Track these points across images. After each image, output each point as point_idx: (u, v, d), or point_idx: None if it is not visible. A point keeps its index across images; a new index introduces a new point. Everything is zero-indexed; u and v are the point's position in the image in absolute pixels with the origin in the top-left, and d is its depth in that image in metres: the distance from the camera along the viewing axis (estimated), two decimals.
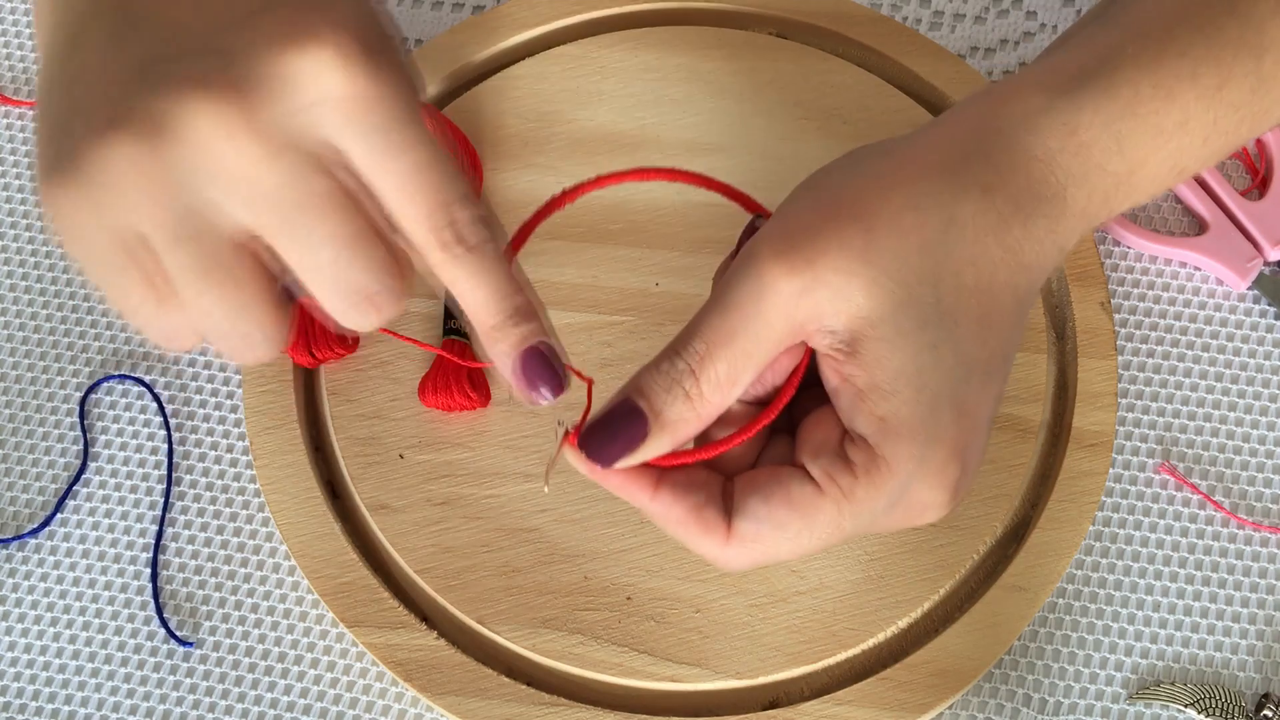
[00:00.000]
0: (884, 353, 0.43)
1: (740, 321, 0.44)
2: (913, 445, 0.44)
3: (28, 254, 0.66)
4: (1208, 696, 0.57)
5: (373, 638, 0.57)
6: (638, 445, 0.45)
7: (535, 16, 0.69)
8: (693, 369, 0.44)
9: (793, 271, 0.43)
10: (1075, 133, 0.46)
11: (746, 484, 0.46)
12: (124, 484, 0.62)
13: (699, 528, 0.46)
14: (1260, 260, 0.64)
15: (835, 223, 0.44)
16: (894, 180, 0.45)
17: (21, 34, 0.71)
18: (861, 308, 0.43)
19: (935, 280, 0.44)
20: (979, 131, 0.46)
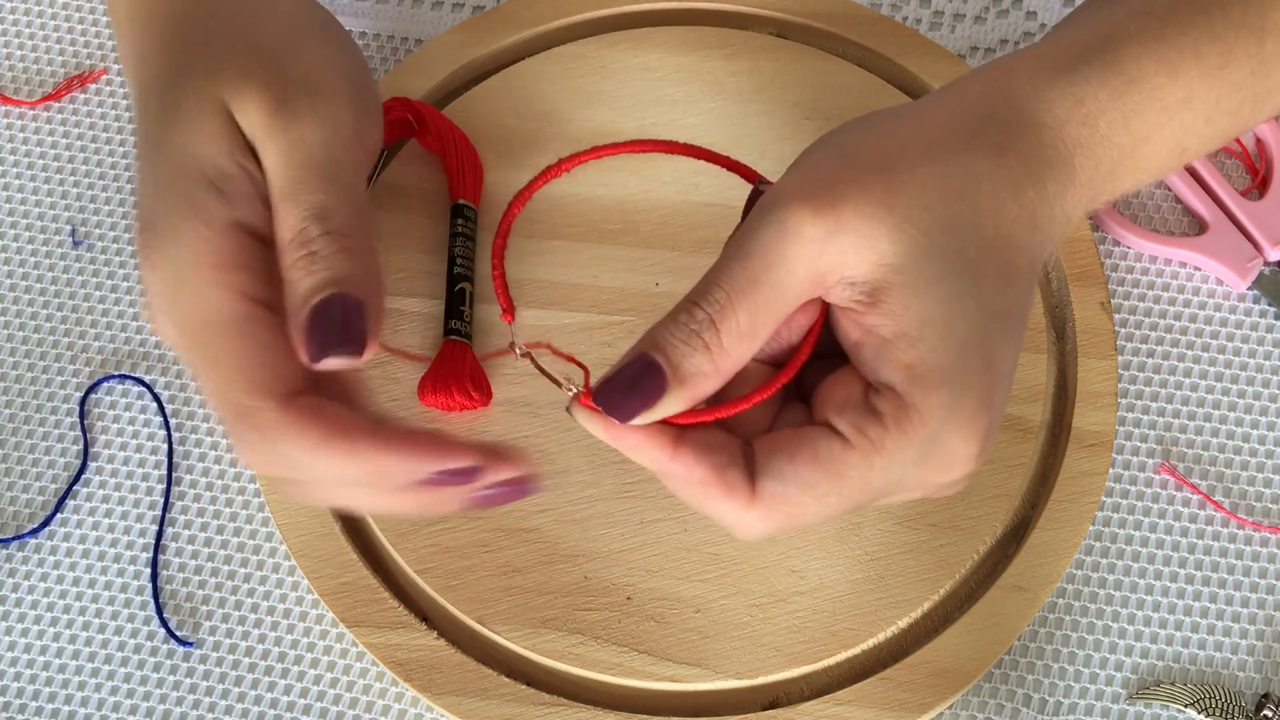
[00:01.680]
0: (910, 299, 0.43)
1: (763, 267, 0.43)
2: (943, 391, 0.43)
3: (28, 254, 0.66)
4: (1208, 696, 0.57)
5: (373, 638, 0.57)
6: (655, 400, 0.43)
7: (535, 16, 0.69)
8: (713, 319, 0.43)
9: (817, 214, 0.42)
10: (1082, 103, 0.46)
11: (769, 444, 0.45)
12: (124, 484, 0.62)
13: (721, 489, 0.44)
14: (1260, 260, 0.64)
15: (857, 171, 0.43)
16: (911, 137, 0.45)
17: (21, 34, 0.71)
18: (886, 254, 0.43)
19: (958, 230, 0.43)
20: (989, 98, 0.46)
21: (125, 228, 0.67)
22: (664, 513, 0.59)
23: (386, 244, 0.64)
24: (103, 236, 0.66)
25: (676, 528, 0.58)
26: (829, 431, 0.44)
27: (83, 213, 0.67)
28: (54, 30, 0.71)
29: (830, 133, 0.47)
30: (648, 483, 0.59)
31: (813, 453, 0.44)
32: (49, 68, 0.70)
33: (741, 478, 0.44)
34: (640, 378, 0.43)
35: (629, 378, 0.44)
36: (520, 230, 0.64)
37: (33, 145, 0.69)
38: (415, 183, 0.65)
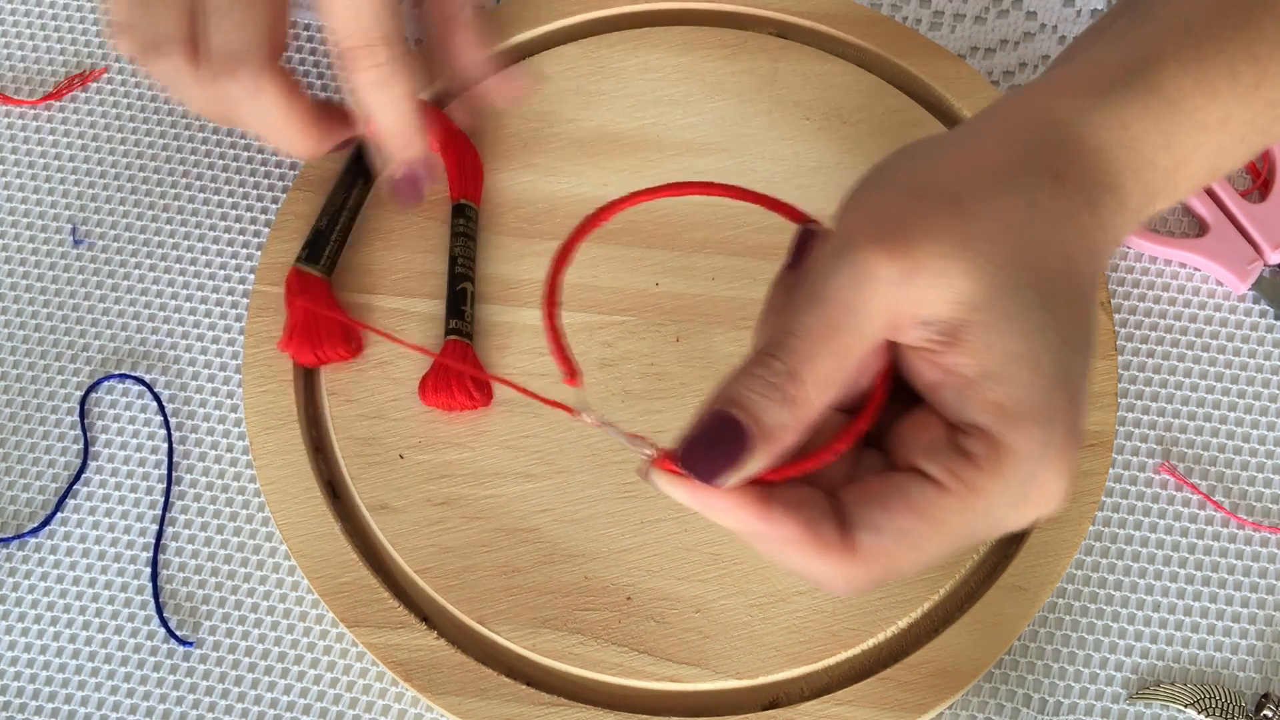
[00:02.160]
0: (992, 337, 0.42)
1: (840, 314, 0.42)
2: (1036, 428, 0.42)
3: (28, 253, 0.66)
4: (1208, 696, 0.57)
5: (373, 638, 0.57)
6: (740, 459, 0.42)
7: (535, 16, 0.69)
8: (791, 370, 0.42)
9: (893, 257, 0.42)
10: (1127, 127, 0.46)
11: (858, 495, 0.43)
12: (124, 484, 0.62)
13: (816, 547, 0.43)
14: (1260, 263, 0.64)
15: (926, 208, 0.43)
16: (969, 168, 0.44)
17: (22, 34, 0.71)
18: (964, 292, 0.42)
19: (1029, 263, 0.43)
20: (1037, 125, 0.45)
21: (126, 227, 0.67)
22: (664, 513, 0.59)
23: (386, 244, 0.64)
24: (103, 236, 0.66)
25: (676, 528, 0.58)
26: (920, 477, 0.43)
27: (83, 212, 0.67)
28: (54, 30, 0.71)
29: (881, 166, 0.46)
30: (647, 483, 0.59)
31: (906, 501, 0.43)
32: (49, 67, 0.70)
33: (835, 532, 0.43)
34: (723, 436, 0.42)
35: (710, 437, 0.42)
36: (520, 231, 0.64)
37: (33, 145, 0.69)
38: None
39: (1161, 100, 0.46)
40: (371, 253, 0.64)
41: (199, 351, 0.64)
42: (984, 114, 0.47)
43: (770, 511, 0.43)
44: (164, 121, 0.69)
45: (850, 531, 0.43)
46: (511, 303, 0.63)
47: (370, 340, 0.62)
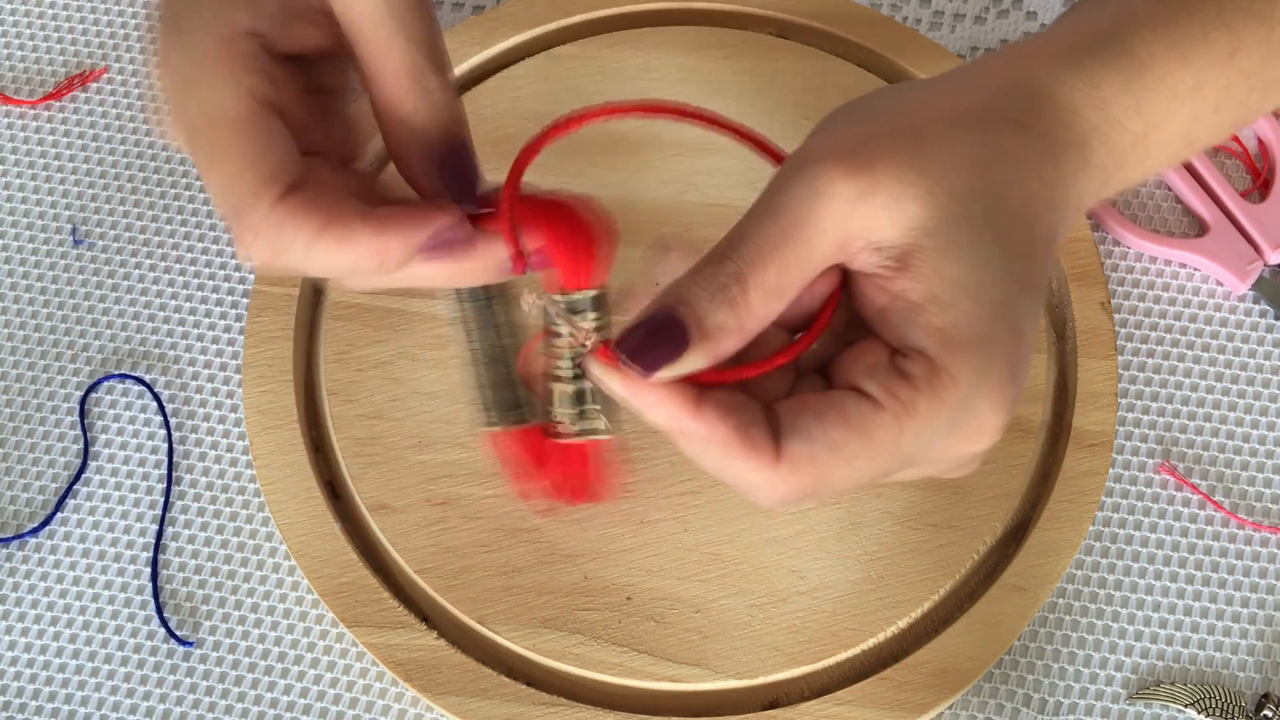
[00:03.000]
0: (941, 263, 0.43)
1: (793, 224, 0.43)
2: (975, 356, 0.43)
3: (28, 253, 0.66)
4: (1208, 696, 0.57)
5: (373, 638, 0.57)
6: (679, 355, 0.42)
7: (535, 16, 0.69)
8: (741, 274, 0.42)
9: (850, 175, 0.42)
10: (1097, 87, 0.46)
11: (794, 406, 0.44)
12: (124, 484, 0.62)
13: (745, 449, 0.43)
14: (1260, 263, 0.64)
15: (888, 135, 0.43)
16: (937, 107, 0.45)
17: (22, 34, 0.71)
18: (916, 217, 0.42)
19: (985, 198, 0.43)
20: (1009, 80, 0.46)
21: (126, 227, 0.67)
22: (664, 513, 0.59)
23: None
24: (103, 236, 0.66)
25: (676, 528, 0.58)
26: (856, 394, 0.43)
27: (83, 212, 0.67)
28: (54, 30, 0.71)
29: (853, 101, 0.46)
30: (648, 483, 0.59)
31: (841, 413, 0.43)
32: (49, 67, 0.70)
33: (766, 437, 0.43)
34: (663, 330, 0.42)
35: (651, 330, 0.43)
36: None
37: (33, 145, 0.69)
38: None
39: (1132, 63, 0.47)
40: None
41: (199, 351, 0.64)
42: (964, 66, 0.48)
43: (701, 410, 0.43)
44: (164, 121, 0.69)
45: (781, 439, 0.43)
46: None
47: (370, 339, 0.62)
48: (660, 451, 0.59)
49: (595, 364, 0.43)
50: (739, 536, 0.58)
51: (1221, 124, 0.49)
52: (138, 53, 0.71)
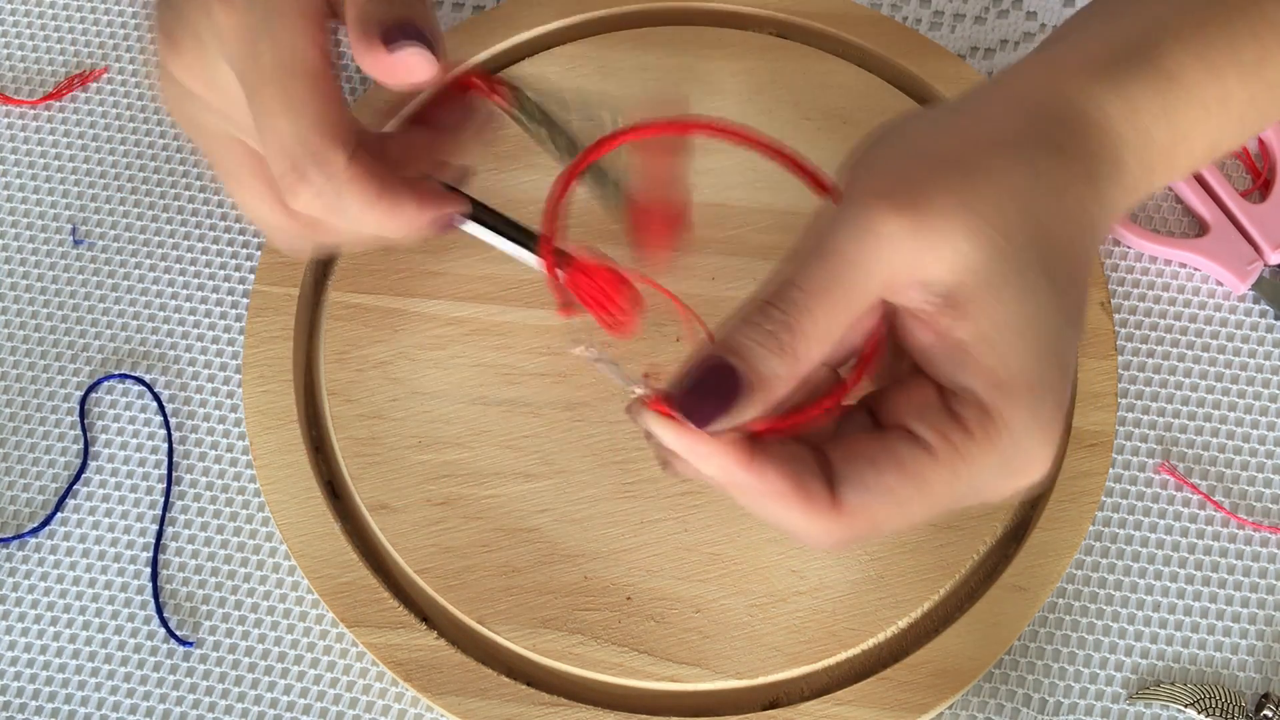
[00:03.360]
0: (990, 304, 0.42)
1: (842, 267, 0.42)
2: (1026, 398, 0.42)
3: (28, 253, 0.66)
4: (1208, 696, 0.57)
5: (373, 638, 0.57)
6: (732, 405, 0.42)
7: (535, 16, 0.69)
8: (790, 321, 0.42)
9: (898, 213, 0.42)
10: (1129, 100, 0.46)
11: (847, 451, 0.43)
12: (124, 484, 0.62)
13: (801, 501, 0.43)
14: (1260, 263, 0.64)
15: (932, 169, 0.43)
16: (977, 134, 0.44)
17: (22, 34, 0.71)
18: (965, 255, 0.42)
19: (1029, 230, 0.43)
20: (1043, 98, 0.46)
21: (126, 227, 0.67)
22: (664, 513, 0.59)
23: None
24: (103, 236, 0.66)
25: (676, 528, 0.58)
26: (909, 438, 0.43)
27: (83, 212, 0.67)
28: (54, 30, 0.71)
29: (888, 128, 0.46)
30: (648, 483, 0.59)
31: (896, 460, 0.43)
32: (49, 67, 0.70)
33: (822, 487, 0.43)
34: (716, 381, 0.42)
35: (704, 381, 0.42)
36: None
37: (33, 145, 0.69)
38: None
39: (1164, 76, 0.46)
40: (371, 253, 0.64)
41: (199, 351, 0.64)
42: (991, 84, 0.47)
43: (755, 462, 0.43)
44: (164, 121, 0.69)
45: (837, 488, 0.43)
46: (511, 303, 0.63)
47: (370, 339, 0.62)
48: None
49: (647, 415, 0.43)
50: (739, 536, 0.58)
51: (1244, 132, 0.49)
52: (138, 53, 0.71)
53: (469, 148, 0.53)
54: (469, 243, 0.64)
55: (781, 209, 0.64)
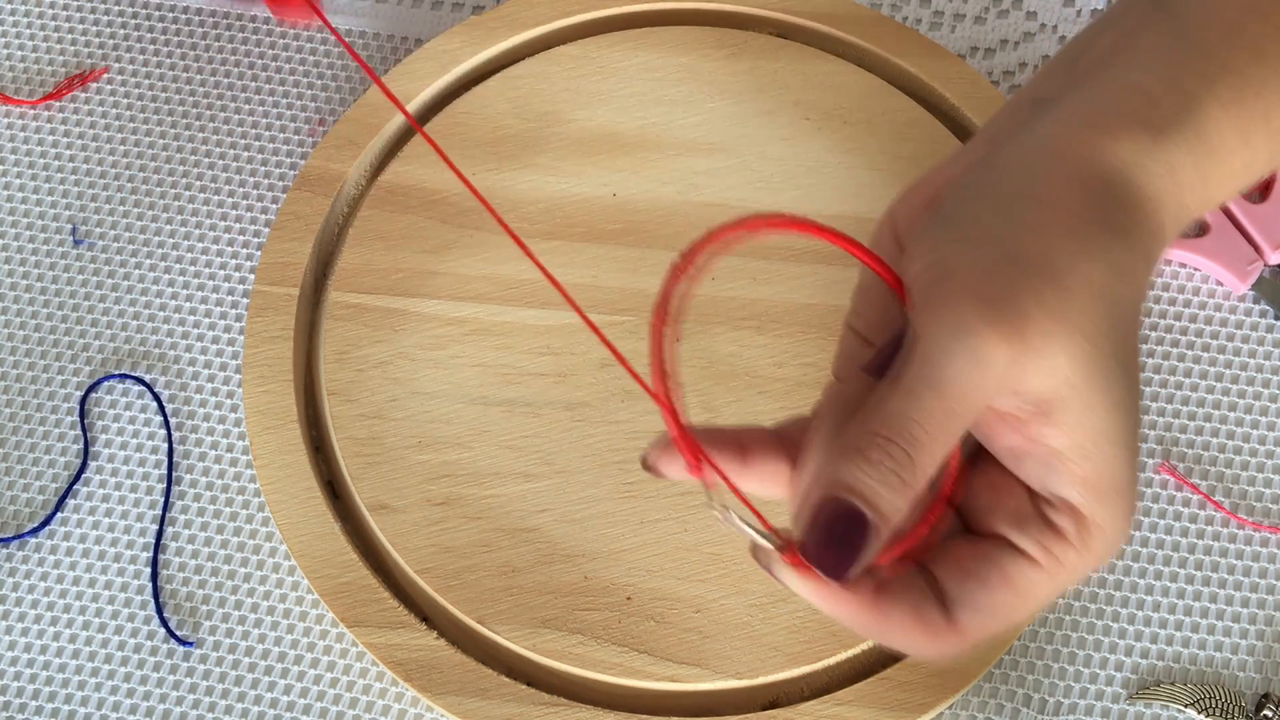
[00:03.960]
0: (1083, 413, 0.42)
1: (957, 400, 0.41)
2: (1119, 501, 0.43)
3: (28, 253, 0.66)
4: (1208, 696, 0.57)
5: (373, 638, 0.57)
6: (863, 551, 0.41)
7: (535, 16, 0.69)
8: (911, 457, 0.41)
9: (1008, 341, 0.41)
10: (1174, 172, 0.45)
11: (955, 572, 0.44)
12: (124, 484, 0.62)
13: (923, 633, 0.43)
14: (1260, 263, 0.64)
15: (1030, 283, 0.42)
16: (1052, 225, 0.44)
17: (22, 34, 0.71)
18: (1061, 368, 0.42)
19: (1111, 330, 0.43)
20: (1100, 170, 0.45)
21: (126, 227, 0.67)
22: (664, 513, 0.59)
23: (386, 244, 0.64)
24: (103, 235, 0.66)
25: (676, 528, 0.58)
26: (1011, 550, 0.43)
27: (83, 212, 0.67)
28: (54, 30, 0.71)
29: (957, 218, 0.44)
30: (648, 483, 0.59)
31: (1004, 577, 0.43)
32: (49, 67, 0.70)
33: (940, 616, 0.43)
34: (844, 527, 0.41)
35: (832, 527, 0.41)
36: (520, 231, 0.64)
37: (33, 145, 0.69)
38: (415, 183, 0.65)
39: (1204, 146, 0.46)
40: (371, 253, 0.64)
41: (199, 351, 0.64)
42: (1040, 147, 0.46)
43: (883, 604, 0.43)
44: (164, 121, 0.69)
45: (952, 611, 0.43)
46: (512, 303, 0.63)
47: (370, 340, 0.62)
48: None
49: (783, 570, 0.43)
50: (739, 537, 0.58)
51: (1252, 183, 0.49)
52: (138, 53, 0.71)
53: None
54: (469, 242, 0.64)
55: (781, 209, 0.64)
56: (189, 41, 0.71)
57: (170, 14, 0.72)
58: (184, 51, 0.71)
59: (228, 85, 0.70)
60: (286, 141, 0.69)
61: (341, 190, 0.65)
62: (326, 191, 0.65)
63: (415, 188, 0.65)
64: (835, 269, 0.63)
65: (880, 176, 0.65)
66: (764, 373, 0.61)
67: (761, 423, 0.60)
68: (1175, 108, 0.46)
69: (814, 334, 0.62)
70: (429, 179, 0.65)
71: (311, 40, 0.71)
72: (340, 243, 0.65)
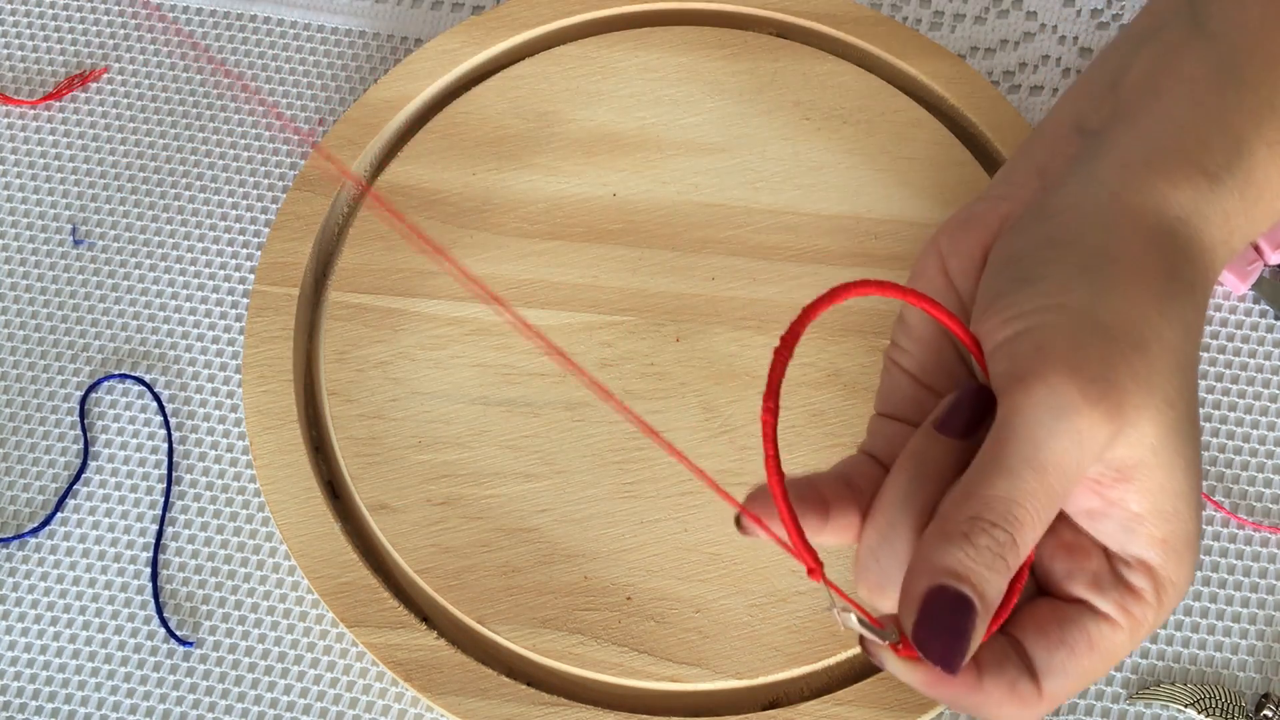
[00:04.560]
0: (1164, 477, 0.42)
1: (1060, 480, 0.41)
2: (1191, 556, 0.44)
3: (28, 253, 0.66)
4: (1208, 696, 0.57)
5: (373, 638, 0.57)
6: (969, 638, 0.41)
7: (535, 16, 0.69)
8: (1014, 538, 0.41)
9: (1109, 418, 0.41)
10: (1228, 219, 0.46)
11: (1042, 639, 0.44)
12: (124, 484, 0.62)
13: (1018, 706, 0.43)
14: (1260, 263, 0.64)
15: (1122, 353, 0.42)
16: (1140, 293, 0.44)
17: (22, 34, 0.71)
18: (1147, 435, 0.42)
19: (1184, 391, 0.43)
20: (1166, 224, 0.45)
21: (126, 227, 0.67)
22: (664, 513, 0.59)
23: (386, 244, 0.64)
24: (103, 236, 0.66)
25: (676, 528, 0.58)
26: (1093, 614, 0.44)
27: (83, 212, 0.67)
28: (54, 30, 0.71)
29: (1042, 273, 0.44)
30: (648, 483, 0.59)
31: (1089, 642, 0.44)
32: (49, 67, 0.70)
33: (1030, 686, 0.43)
34: (953, 615, 0.41)
35: (941, 616, 0.41)
36: (520, 231, 0.64)
37: (33, 145, 0.69)
38: (415, 183, 0.65)
39: (1253, 190, 0.46)
40: (371, 253, 0.64)
41: (199, 351, 0.64)
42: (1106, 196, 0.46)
43: (982, 683, 0.43)
44: (164, 121, 0.69)
45: (1041, 679, 0.44)
46: (512, 303, 0.63)
47: (370, 340, 0.62)
48: (660, 452, 0.59)
49: (893, 661, 0.43)
50: (739, 536, 0.58)
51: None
52: (138, 53, 0.71)
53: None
54: (469, 243, 0.64)
55: (781, 209, 0.64)
56: (189, 41, 0.71)
57: (170, 14, 0.72)
58: (184, 51, 0.71)
59: (228, 85, 0.70)
60: (286, 141, 0.69)
61: (341, 190, 0.65)
62: (326, 191, 0.65)
63: (415, 188, 0.65)
64: (835, 269, 0.63)
65: (880, 176, 0.65)
66: (764, 373, 0.61)
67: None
68: (1227, 152, 0.46)
69: (814, 334, 0.62)
70: (429, 179, 0.65)
71: (311, 40, 0.71)
72: (340, 243, 0.65)
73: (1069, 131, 0.49)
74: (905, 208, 0.64)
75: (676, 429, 0.60)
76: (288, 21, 0.71)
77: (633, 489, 0.59)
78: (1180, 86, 0.48)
